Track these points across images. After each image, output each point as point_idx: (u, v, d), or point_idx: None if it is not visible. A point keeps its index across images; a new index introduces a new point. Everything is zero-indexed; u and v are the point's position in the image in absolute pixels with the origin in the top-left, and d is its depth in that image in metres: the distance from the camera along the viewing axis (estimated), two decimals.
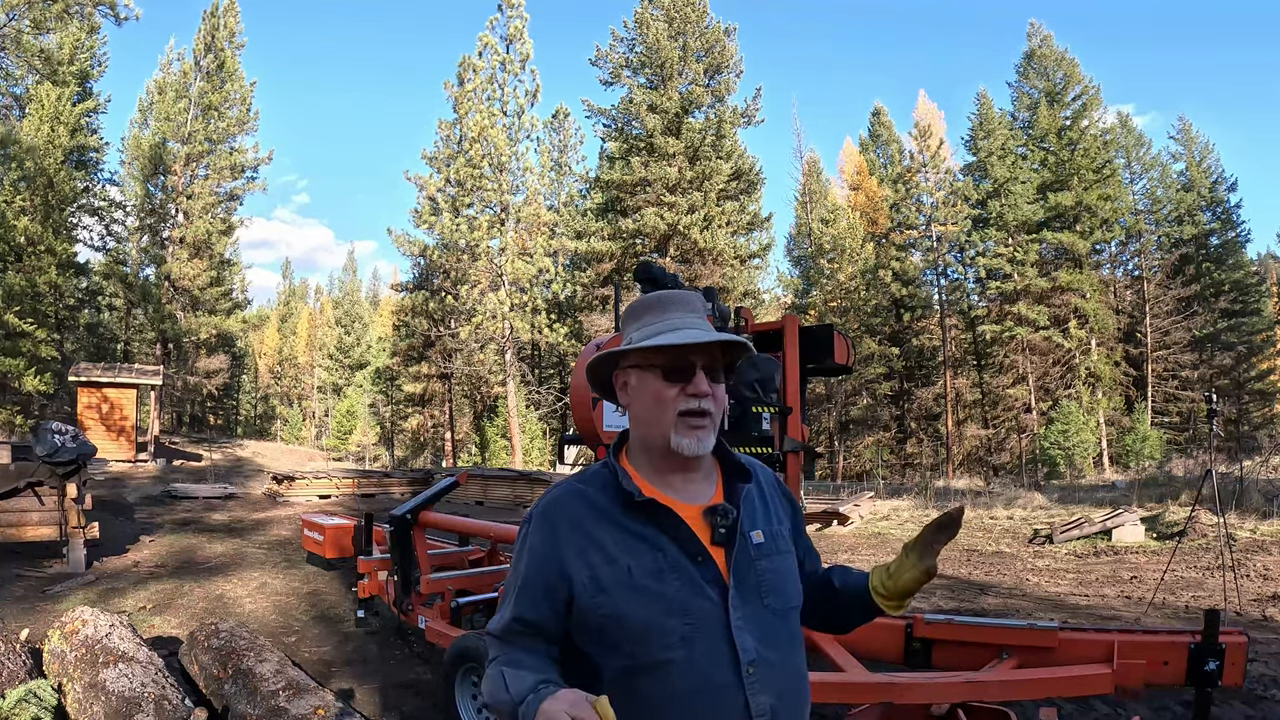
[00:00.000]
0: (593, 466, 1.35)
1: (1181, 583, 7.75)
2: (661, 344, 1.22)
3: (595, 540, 1.21)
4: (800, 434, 3.93)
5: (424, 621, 4.54)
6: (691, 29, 29.78)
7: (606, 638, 1.19)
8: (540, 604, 1.22)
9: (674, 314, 1.27)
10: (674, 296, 1.30)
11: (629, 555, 1.20)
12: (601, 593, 1.18)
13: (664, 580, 1.18)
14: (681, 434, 1.22)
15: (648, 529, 1.22)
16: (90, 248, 27.99)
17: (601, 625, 1.19)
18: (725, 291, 28.20)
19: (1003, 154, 32.53)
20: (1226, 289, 32.52)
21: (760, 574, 1.24)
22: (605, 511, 1.24)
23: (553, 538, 1.23)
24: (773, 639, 1.22)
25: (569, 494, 1.27)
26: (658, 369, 1.24)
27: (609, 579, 1.19)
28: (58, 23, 18.94)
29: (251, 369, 54.90)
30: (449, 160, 28.36)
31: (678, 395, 1.23)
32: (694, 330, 1.24)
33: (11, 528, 7.16)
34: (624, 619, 1.17)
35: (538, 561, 1.23)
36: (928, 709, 2.93)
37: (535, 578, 1.23)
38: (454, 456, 33.61)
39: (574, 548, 1.21)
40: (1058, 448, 27.56)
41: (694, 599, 1.18)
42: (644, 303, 1.32)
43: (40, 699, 3.45)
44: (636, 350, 1.25)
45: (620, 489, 1.24)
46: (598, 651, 1.20)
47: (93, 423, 19.27)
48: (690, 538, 1.22)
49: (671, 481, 1.27)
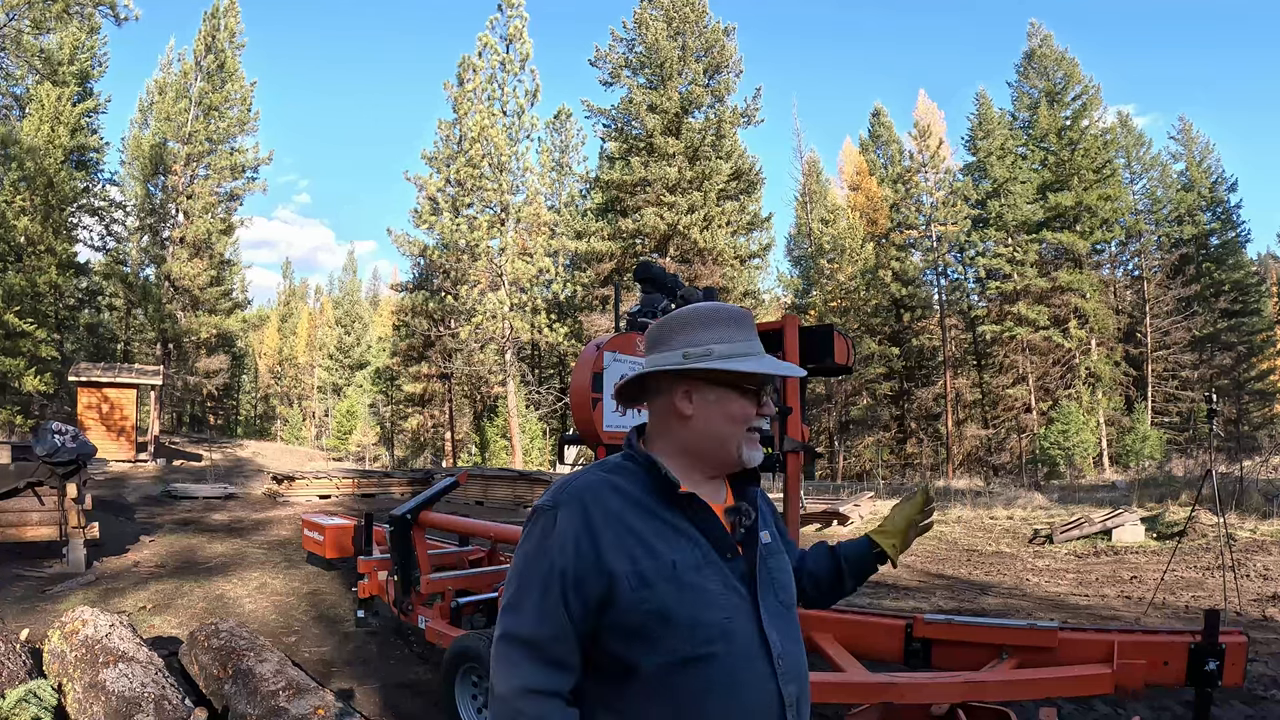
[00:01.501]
0: (611, 458, 1.33)
1: (1181, 583, 7.75)
2: (769, 371, 1.27)
3: (635, 532, 1.18)
4: (800, 434, 3.93)
5: (424, 621, 4.54)
6: (691, 29, 29.78)
7: (648, 634, 1.15)
8: (572, 600, 1.15)
9: (748, 333, 1.32)
10: (743, 315, 1.34)
11: (671, 549, 1.18)
12: (646, 587, 1.15)
13: (704, 575, 1.19)
14: (750, 448, 1.29)
15: (683, 522, 1.22)
16: (90, 248, 28.04)
17: (643, 622, 1.15)
18: (725, 291, 28.22)
19: (1002, 154, 32.53)
20: (1226, 289, 32.54)
21: (771, 571, 1.29)
22: (639, 502, 1.21)
23: (588, 527, 1.17)
24: (788, 632, 1.27)
25: (600, 483, 1.23)
26: (750, 391, 1.29)
27: (653, 573, 1.15)
28: (58, 23, 18.91)
29: (251, 369, 54.89)
30: (449, 160, 28.35)
31: (753, 414, 1.29)
32: (772, 360, 1.31)
33: (11, 528, 7.16)
34: (669, 614, 1.14)
35: (571, 552, 1.16)
36: (928, 709, 2.93)
37: (567, 569, 1.15)
38: (454, 456, 33.61)
39: (612, 538, 1.16)
40: (1058, 448, 27.56)
41: (728, 594, 1.20)
42: (716, 315, 1.31)
43: (40, 699, 3.45)
44: (734, 371, 1.27)
45: (657, 481, 1.23)
46: (635, 650, 1.15)
47: (93, 423, 19.26)
48: (723, 534, 1.24)
49: (697, 482, 1.29)
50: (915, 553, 10.55)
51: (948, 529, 12.91)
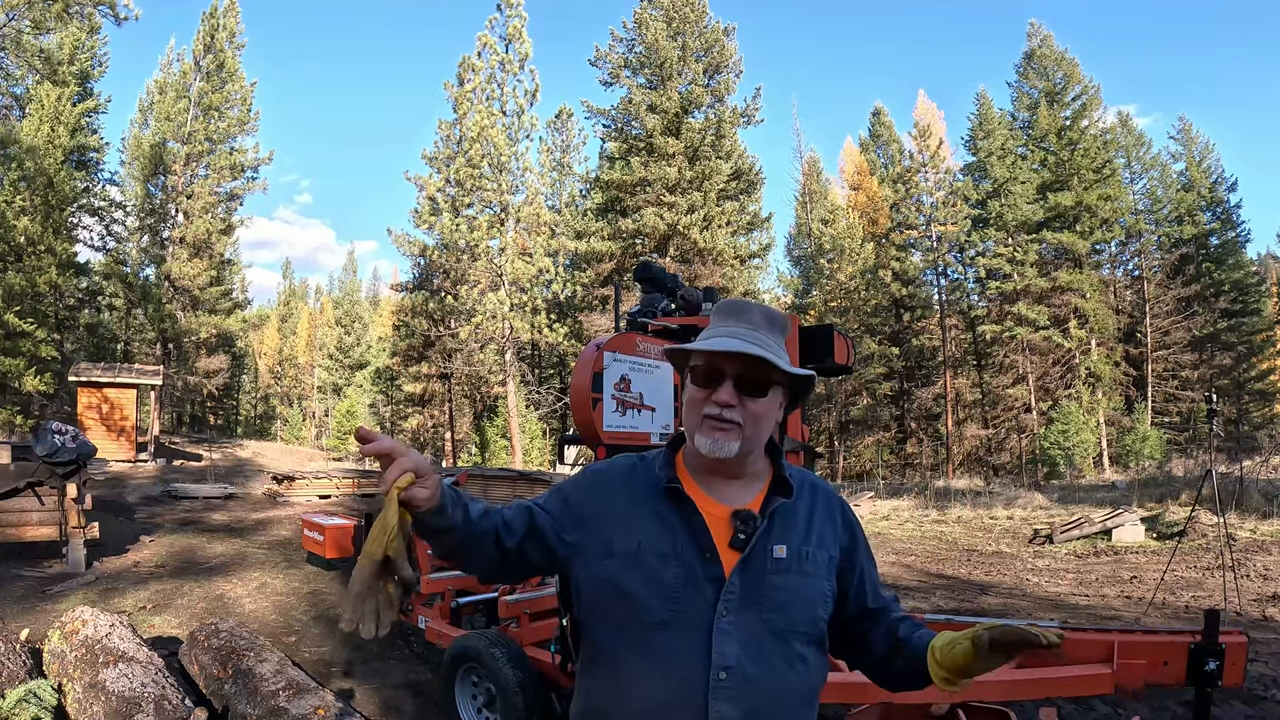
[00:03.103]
0: (664, 448, 1.41)
1: (1181, 583, 7.75)
2: (695, 347, 1.28)
3: (623, 509, 1.28)
4: (800, 434, 3.93)
5: (424, 621, 4.54)
6: (691, 29, 29.77)
7: (600, 605, 1.25)
8: (561, 512, 1.32)
9: (732, 323, 1.29)
10: (748, 306, 1.32)
11: (644, 533, 1.25)
12: (609, 557, 1.25)
13: (665, 564, 1.22)
14: (703, 433, 1.25)
15: (670, 514, 1.26)
16: (90, 248, 27.99)
17: (600, 591, 1.25)
18: (725, 291, 28.18)
19: (1002, 154, 32.52)
20: (1226, 289, 32.53)
21: (770, 588, 1.21)
22: (643, 486, 1.31)
23: (602, 490, 1.33)
24: (760, 654, 1.18)
25: (628, 463, 1.36)
26: (697, 372, 1.29)
27: (620, 548, 1.25)
28: (58, 23, 18.88)
29: (251, 369, 54.88)
30: (449, 160, 28.34)
31: (705, 400, 1.26)
32: (729, 339, 1.24)
33: (11, 528, 7.15)
34: (616, 586, 1.22)
35: (583, 493, 1.33)
36: (928, 709, 2.93)
37: (572, 497, 1.33)
38: (454, 456, 33.61)
39: (609, 508, 1.29)
40: (1058, 448, 27.56)
41: (685, 590, 1.19)
42: (720, 307, 1.36)
43: (40, 699, 3.45)
44: (683, 351, 1.31)
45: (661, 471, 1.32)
46: (593, 622, 1.27)
47: (93, 423, 19.23)
48: (702, 531, 1.23)
49: (712, 482, 1.30)
50: (915, 553, 10.56)
51: (948, 529, 12.91)
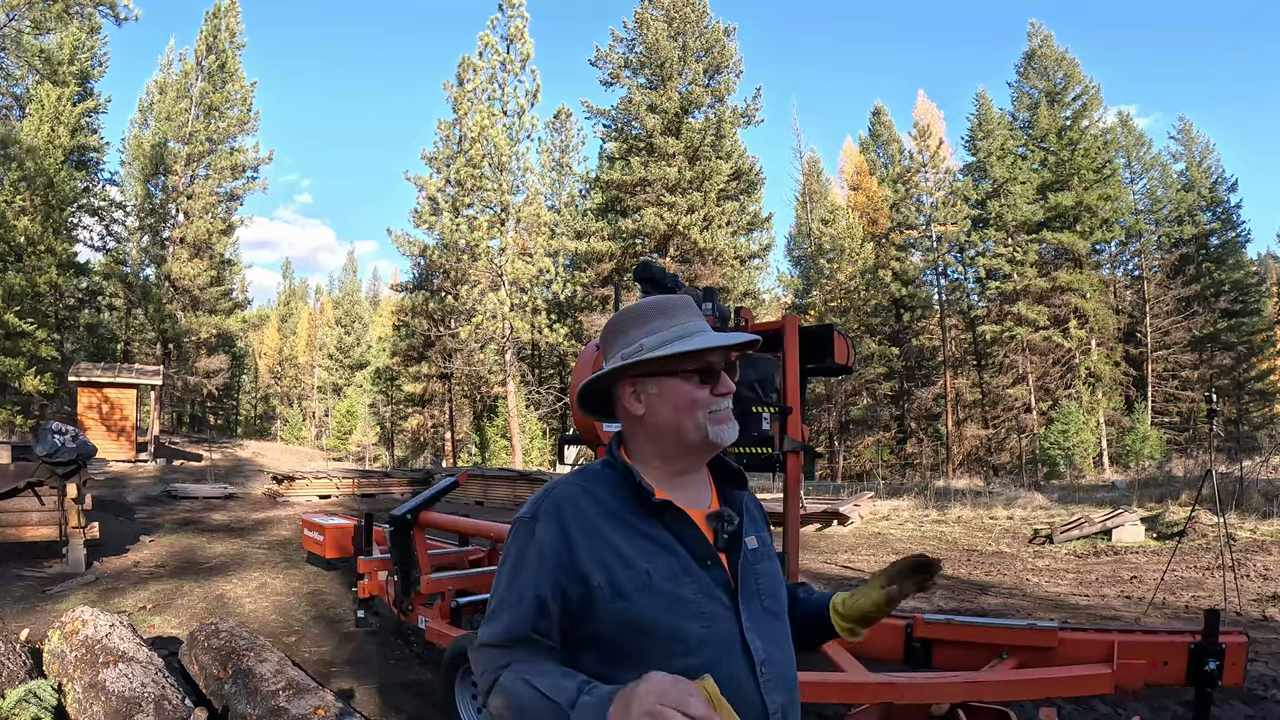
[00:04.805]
0: (592, 465, 1.34)
1: (1181, 583, 7.75)
2: (693, 348, 1.22)
3: (609, 542, 1.17)
4: (800, 434, 3.93)
5: (424, 621, 4.54)
6: (691, 29, 29.77)
7: (623, 647, 1.14)
8: (550, 609, 1.15)
9: (682, 317, 1.27)
10: (675, 301, 1.31)
11: (645, 559, 1.17)
12: (621, 598, 1.14)
13: (680, 584, 1.17)
14: (717, 425, 1.24)
15: (659, 531, 1.20)
16: (90, 248, 28.01)
17: (619, 634, 1.14)
18: (725, 291, 28.19)
19: (1002, 154, 32.52)
20: (1226, 289, 32.53)
21: (758, 577, 1.26)
22: (615, 512, 1.20)
23: (565, 538, 1.17)
24: (775, 639, 1.24)
25: (576, 492, 1.22)
26: (692, 373, 1.24)
27: (629, 584, 1.14)
28: (58, 23, 18.91)
29: (251, 369, 54.88)
30: (449, 160, 28.35)
31: (709, 396, 1.24)
32: (712, 335, 1.27)
33: (11, 528, 7.16)
34: (645, 625, 1.14)
35: (550, 563, 1.16)
36: (928, 709, 2.93)
37: (545, 579, 1.15)
38: (454, 456, 33.61)
39: (588, 550, 1.16)
40: (1058, 448, 27.56)
41: (707, 602, 1.18)
42: (645, 310, 1.29)
43: (40, 699, 3.45)
44: (665, 357, 1.23)
45: (631, 489, 1.23)
46: (607, 663, 1.14)
47: (93, 423, 19.25)
48: (700, 540, 1.21)
49: (678, 485, 1.27)
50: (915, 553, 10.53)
51: (948, 529, 12.92)
